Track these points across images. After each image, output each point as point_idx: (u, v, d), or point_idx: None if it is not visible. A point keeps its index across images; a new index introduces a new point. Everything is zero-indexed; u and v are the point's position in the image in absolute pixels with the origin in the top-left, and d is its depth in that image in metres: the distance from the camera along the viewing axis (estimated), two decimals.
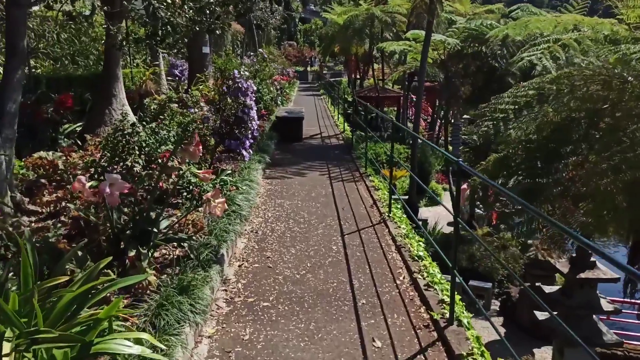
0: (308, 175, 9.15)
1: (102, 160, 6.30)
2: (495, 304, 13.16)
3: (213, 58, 8.71)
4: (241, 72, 8.08)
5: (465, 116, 22.02)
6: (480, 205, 19.18)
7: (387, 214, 6.57)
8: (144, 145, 6.58)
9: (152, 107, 8.52)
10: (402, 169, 22.86)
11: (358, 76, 37.84)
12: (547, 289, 11.01)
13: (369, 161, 9.42)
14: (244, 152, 7.88)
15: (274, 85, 17.39)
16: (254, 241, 5.69)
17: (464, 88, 16.21)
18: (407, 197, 19.62)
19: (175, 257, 4.51)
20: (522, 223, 7.62)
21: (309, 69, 44.40)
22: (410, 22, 23.49)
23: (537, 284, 12.08)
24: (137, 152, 6.55)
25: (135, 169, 6.22)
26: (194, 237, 5.03)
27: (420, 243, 5.59)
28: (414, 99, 38.08)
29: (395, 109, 32.81)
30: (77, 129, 9.13)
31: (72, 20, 6.69)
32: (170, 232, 4.78)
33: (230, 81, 7.99)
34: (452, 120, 18.89)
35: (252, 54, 15.94)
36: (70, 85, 12.00)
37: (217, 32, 7.04)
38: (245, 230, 5.99)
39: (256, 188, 7.30)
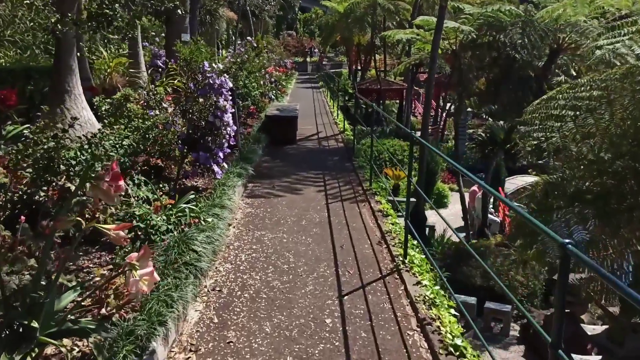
0: (300, 192, 7.34)
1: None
2: (515, 328, 11.41)
3: (177, 46, 6.85)
4: (213, 65, 6.24)
5: (474, 111, 20.08)
6: (493, 210, 17.39)
7: (401, 259, 4.78)
8: (72, 163, 4.78)
9: (103, 108, 6.70)
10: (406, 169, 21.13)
11: (359, 67, 35.95)
12: (590, 329, 9.25)
13: (374, 173, 7.60)
14: (215, 168, 6.06)
15: (267, 78, 15.51)
16: (213, 309, 3.90)
17: (478, 81, 14.35)
18: (414, 200, 17.82)
19: None
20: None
21: (308, 59, 42.35)
22: (417, 7, 21.56)
23: (566, 310, 10.35)
24: (66, 173, 4.77)
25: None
26: (115, 317, 3.26)
27: (453, 317, 3.79)
28: (419, 92, 36.19)
29: (398, 101, 30.94)
30: (24, 131, 7.35)
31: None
32: (76, 312, 3.03)
33: (200, 75, 6.17)
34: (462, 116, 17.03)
35: (240, 42, 13.99)
36: (29, 78, 10.23)
37: (179, 12, 5.21)
38: (204, 288, 4.21)
39: (227, 218, 5.49)
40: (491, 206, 17.27)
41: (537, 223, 2.28)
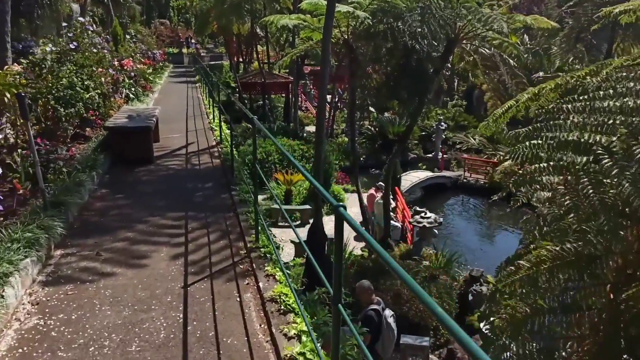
0: (143, 261, 4.45)
1: None
2: None
3: None
4: None
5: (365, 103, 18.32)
6: (396, 216, 15.73)
7: None
8: None
9: None
10: (299, 172, 18.74)
11: (241, 59, 32.77)
12: None
13: (263, 219, 4.90)
14: None
15: (120, 73, 11.96)
16: None
17: (376, 75, 12.33)
18: (306, 206, 15.56)
19: None
20: None
21: (185, 51, 38.03)
22: None
23: None
24: None
25: None
26: None
27: None
28: (308, 84, 34.07)
29: (284, 95, 28.52)
30: None
31: None
32: None
33: None
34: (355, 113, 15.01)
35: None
36: None
37: None
38: None
39: None
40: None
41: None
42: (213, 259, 4.48)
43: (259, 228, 4.69)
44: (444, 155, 22.12)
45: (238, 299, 3.78)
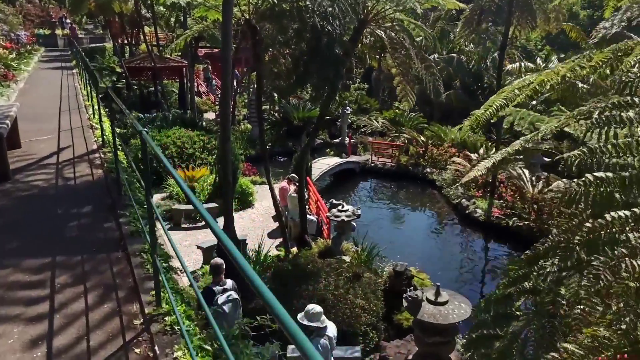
0: None
1: None
2: None
3: None
4: None
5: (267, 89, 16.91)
6: (312, 210, 14.63)
7: None
8: None
9: None
10: (203, 167, 16.90)
11: (127, 42, 29.32)
12: None
13: (164, 270, 3.41)
14: None
15: None
16: None
17: (284, 60, 10.99)
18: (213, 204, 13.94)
19: None
20: None
21: (58, 32, 33.23)
22: None
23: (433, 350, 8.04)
24: None
25: None
26: None
27: None
28: (209, 69, 31.48)
29: (178, 80, 25.97)
30: None
31: None
32: None
33: None
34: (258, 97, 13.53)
35: None
36: None
37: None
38: None
39: None
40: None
41: None
42: (93, 340, 2.97)
43: (161, 280, 3.26)
44: (351, 140, 21.56)
45: None
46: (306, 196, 13.21)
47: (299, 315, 6.03)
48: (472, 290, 12.08)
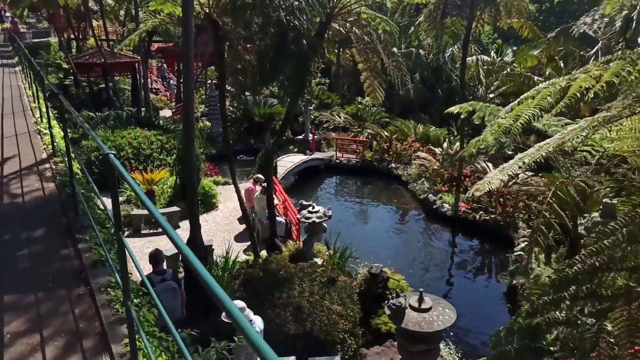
0: None
1: None
2: None
3: None
4: None
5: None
6: (280, 212, 14.02)
7: None
8: None
9: None
10: (162, 169, 15.98)
11: (73, 36, 27.53)
12: None
13: (140, 319, 2.85)
14: None
15: None
16: None
17: (249, 56, 10.36)
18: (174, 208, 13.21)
19: None
20: None
21: None
22: None
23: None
24: None
25: None
26: None
27: None
28: (165, 67, 30.04)
29: (130, 76, 24.59)
30: None
31: None
32: None
33: None
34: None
35: None
36: None
37: None
38: None
39: None
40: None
41: None
42: None
43: (134, 327, 2.70)
44: (314, 136, 21.12)
45: None
46: (275, 199, 12.69)
47: (223, 315, 5.64)
48: (446, 286, 12.00)
